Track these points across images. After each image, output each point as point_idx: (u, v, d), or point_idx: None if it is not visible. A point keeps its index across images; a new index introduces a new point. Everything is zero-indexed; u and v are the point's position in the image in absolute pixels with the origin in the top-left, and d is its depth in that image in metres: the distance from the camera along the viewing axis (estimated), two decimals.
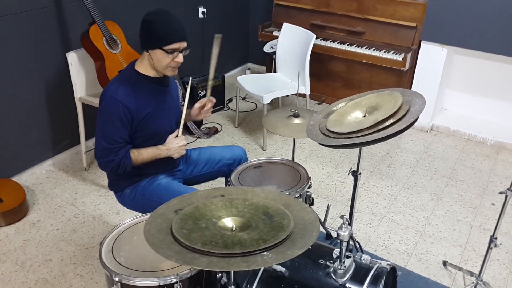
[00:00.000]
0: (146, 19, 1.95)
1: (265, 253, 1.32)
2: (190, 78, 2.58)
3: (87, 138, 3.34)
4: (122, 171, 2.02)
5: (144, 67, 2.03)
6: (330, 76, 4.46)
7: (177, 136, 2.16)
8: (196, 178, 2.41)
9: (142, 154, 2.05)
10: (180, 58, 1.98)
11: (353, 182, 2.25)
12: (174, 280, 1.55)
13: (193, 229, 1.40)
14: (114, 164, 1.98)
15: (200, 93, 4.08)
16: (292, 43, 3.86)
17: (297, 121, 2.45)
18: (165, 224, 1.45)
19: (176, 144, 2.12)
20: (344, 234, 1.62)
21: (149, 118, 2.03)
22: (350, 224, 2.27)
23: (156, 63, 1.98)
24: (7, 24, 2.86)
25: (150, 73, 2.04)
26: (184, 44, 1.98)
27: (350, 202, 2.35)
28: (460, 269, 2.49)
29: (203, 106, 2.27)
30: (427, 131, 4.08)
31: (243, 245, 1.33)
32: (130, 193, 2.16)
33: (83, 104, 3.17)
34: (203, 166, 2.39)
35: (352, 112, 1.99)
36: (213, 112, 4.28)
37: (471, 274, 2.43)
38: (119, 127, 1.96)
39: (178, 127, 2.18)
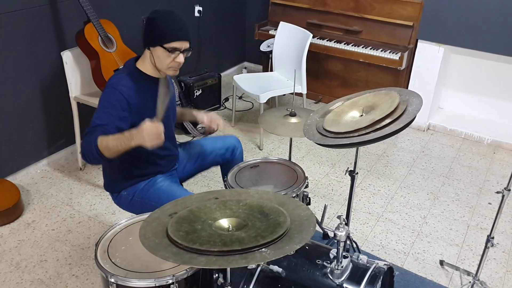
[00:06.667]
0: (150, 17, 1.93)
1: (263, 249, 1.31)
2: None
3: (82, 137, 3.32)
4: (89, 151, 1.82)
5: (145, 66, 2.00)
6: (327, 75, 4.46)
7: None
8: (190, 173, 2.40)
9: (107, 138, 1.80)
10: (180, 58, 1.94)
11: (350, 181, 2.24)
12: (171, 281, 1.54)
13: (190, 231, 1.39)
14: (86, 139, 1.84)
15: (196, 92, 4.07)
16: (289, 42, 3.85)
17: (293, 120, 2.44)
18: (160, 227, 1.44)
19: (149, 128, 1.74)
20: (341, 234, 1.61)
21: (145, 118, 2.00)
22: (347, 224, 2.26)
23: (157, 62, 1.95)
24: (1, 23, 2.83)
25: (151, 72, 2.01)
26: (186, 45, 1.94)
27: (347, 202, 2.34)
28: (457, 268, 2.49)
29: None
30: (423, 130, 4.08)
31: (241, 243, 1.32)
32: (127, 196, 2.13)
33: (78, 103, 3.15)
34: (196, 159, 2.37)
35: (349, 112, 1.99)
36: (209, 111, 4.29)
37: (468, 273, 2.43)
38: (113, 115, 1.89)
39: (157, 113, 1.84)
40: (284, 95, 4.42)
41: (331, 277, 1.68)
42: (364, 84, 4.28)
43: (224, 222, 1.47)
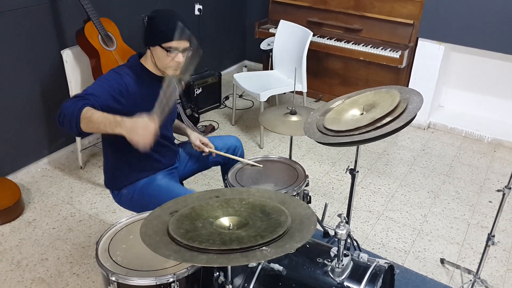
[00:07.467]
0: (150, 16, 1.94)
1: (264, 247, 1.30)
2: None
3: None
4: (70, 113, 1.72)
5: (148, 64, 2.01)
6: (327, 73, 4.45)
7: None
8: (191, 172, 2.40)
9: (94, 111, 1.72)
10: (179, 58, 1.94)
11: (350, 180, 2.24)
12: (171, 279, 1.54)
13: (190, 229, 1.39)
14: (73, 101, 1.75)
15: (196, 90, 4.06)
16: (289, 40, 3.84)
17: (294, 118, 2.44)
18: (161, 225, 1.44)
19: (145, 123, 1.66)
20: (342, 232, 1.61)
21: (140, 113, 1.97)
22: (347, 222, 2.27)
23: (157, 61, 1.96)
24: (1, 21, 2.83)
25: (153, 70, 2.02)
26: (185, 44, 1.94)
27: (347, 200, 2.34)
28: (457, 266, 2.49)
29: (202, 144, 2.30)
30: (424, 129, 4.08)
31: (240, 242, 1.31)
32: (128, 193, 2.14)
33: None
34: (197, 159, 2.38)
35: (350, 110, 1.98)
36: (209, 110, 4.30)
37: (469, 271, 2.43)
38: (108, 92, 1.84)
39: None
40: (285, 93, 4.42)
41: (331, 276, 1.68)
42: (365, 82, 4.28)
43: (225, 221, 1.46)
